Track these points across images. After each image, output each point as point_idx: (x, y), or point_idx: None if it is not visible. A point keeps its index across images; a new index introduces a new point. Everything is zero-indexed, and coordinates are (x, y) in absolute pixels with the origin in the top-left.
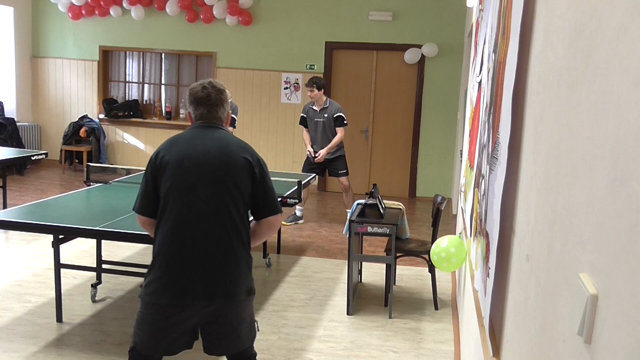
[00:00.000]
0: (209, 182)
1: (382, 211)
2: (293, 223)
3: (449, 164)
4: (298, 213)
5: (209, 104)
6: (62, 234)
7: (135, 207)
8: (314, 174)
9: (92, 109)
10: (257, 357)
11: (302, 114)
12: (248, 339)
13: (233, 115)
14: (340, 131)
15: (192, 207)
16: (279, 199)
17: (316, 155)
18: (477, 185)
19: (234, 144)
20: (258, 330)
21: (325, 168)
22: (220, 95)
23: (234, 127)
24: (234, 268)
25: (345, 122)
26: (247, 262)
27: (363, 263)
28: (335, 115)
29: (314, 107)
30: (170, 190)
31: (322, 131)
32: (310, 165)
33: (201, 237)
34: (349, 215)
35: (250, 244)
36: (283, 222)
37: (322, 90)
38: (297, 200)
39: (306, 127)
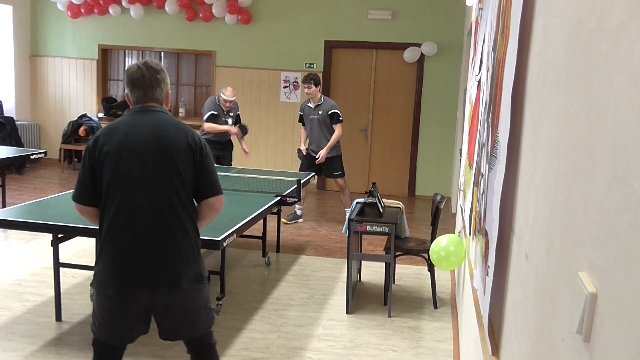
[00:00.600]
0: (149, 173)
1: (381, 210)
2: (293, 222)
3: (448, 162)
4: (298, 212)
5: (144, 86)
6: (61, 233)
7: (74, 195)
8: (313, 173)
9: (91, 107)
10: (216, 346)
11: (300, 112)
12: (203, 325)
13: (239, 113)
14: (337, 128)
15: (132, 199)
16: (279, 198)
17: (315, 156)
18: (476, 184)
19: (172, 126)
20: (217, 314)
21: (321, 169)
22: (156, 75)
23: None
24: (176, 257)
25: (340, 118)
26: (192, 250)
27: (362, 262)
28: (330, 112)
29: (310, 105)
30: (111, 183)
31: (318, 128)
32: (307, 165)
33: (142, 228)
34: (347, 214)
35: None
36: (283, 220)
37: (319, 87)
38: (296, 199)
39: (303, 124)
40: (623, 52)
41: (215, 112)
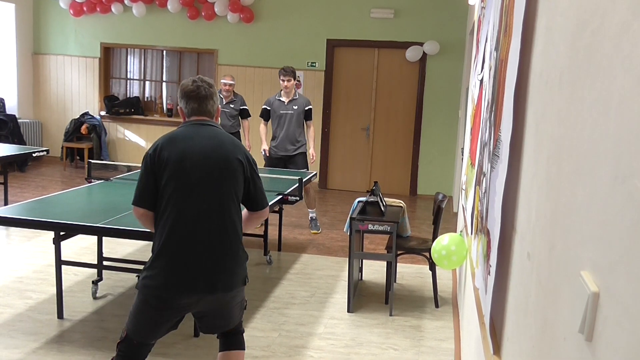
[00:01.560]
0: (208, 182)
1: (383, 209)
2: (319, 231)
3: (450, 161)
4: (314, 216)
5: (199, 98)
6: (63, 231)
7: (135, 199)
8: (314, 172)
9: (93, 105)
10: (244, 333)
11: (264, 106)
12: (238, 317)
13: (247, 107)
14: (311, 125)
15: (192, 206)
16: (280, 196)
17: (281, 156)
18: (478, 183)
19: (229, 143)
20: (245, 308)
21: (285, 165)
22: (210, 89)
23: (250, 115)
24: (232, 262)
25: (312, 116)
26: (244, 254)
27: (364, 260)
28: (306, 108)
29: (281, 99)
30: (172, 189)
31: (289, 124)
32: (270, 162)
33: (201, 234)
34: (311, 214)
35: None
36: (314, 232)
37: (295, 81)
38: (298, 198)
39: (266, 120)
40: (626, 52)
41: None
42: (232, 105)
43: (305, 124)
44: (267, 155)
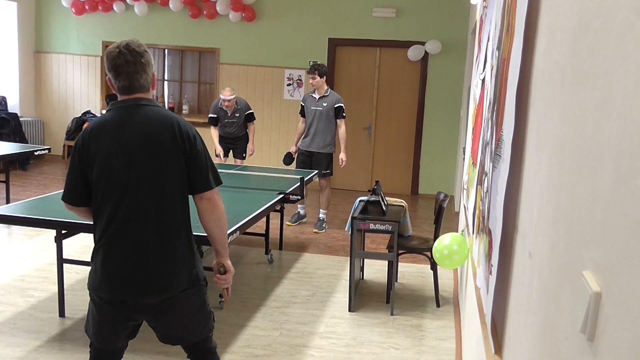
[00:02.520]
0: (140, 176)
1: (384, 208)
2: (297, 223)
3: (452, 161)
4: (301, 212)
5: (129, 73)
6: (64, 229)
7: (64, 196)
8: (315, 171)
9: (95, 104)
10: (216, 349)
11: (301, 103)
12: (200, 331)
13: (252, 111)
14: (342, 124)
15: (123, 203)
16: (282, 195)
17: (306, 152)
18: (479, 182)
19: (160, 122)
20: (214, 322)
21: (312, 164)
22: (140, 59)
23: (253, 121)
24: (169, 261)
25: (344, 114)
26: (186, 252)
27: (365, 260)
28: (336, 106)
29: (313, 95)
30: (101, 187)
31: (319, 121)
32: (298, 159)
33: (134, 233)
34: (321, 215)
35: (210, 238)
36: (287, 223)
37: (324, 78)
38: (299, 197)
39: (303, 116)
40: (629, 51)
41: (215, 115)
42: (237, 115)
43: (337, 123)
44: (293, 157)
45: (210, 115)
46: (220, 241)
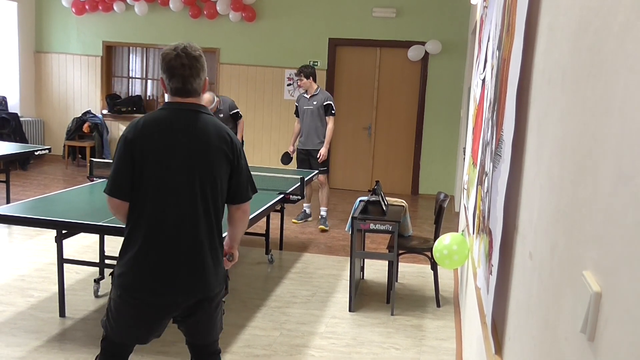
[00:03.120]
0: (192, 180)
1: (384, 208)
2: (303, 221)
3: (452, 161)
4: (307, 210)
5: (184, 76)
6: (65, 229)
7: (109, 189)
8: (316, 171)
9: (95, 104)
10: (220, 354)
11: (295, 103)
12: (216, 332)
13: (237, 110)
14: (330, 121)
15: (173, 204)
16: (282, 195)
17: (303, 150)
18: (480, 182)
19: (213, 131)
20: (224, 312)
21: (310, 162)
22: (196, 64)
23: (240, 118)
24: (211, 262)
25: (333, 111)
26: (220, 256)
27: (365, 260)
28: (325, 103)
29: (305, 95)
30: (149, 184)
31: (310, 119)
32: (299, 162)
33: (180, 234)
34: (322, 212)
35: (230, 235)
36: (293, 220)
37: (311, 79)
38: (299, 197)
39: (298, 116)
40: (629, 51)
41: None
42: (220, 115)
43: (326, 120)
44: (291, 157)
45: None
46: (238, 239)
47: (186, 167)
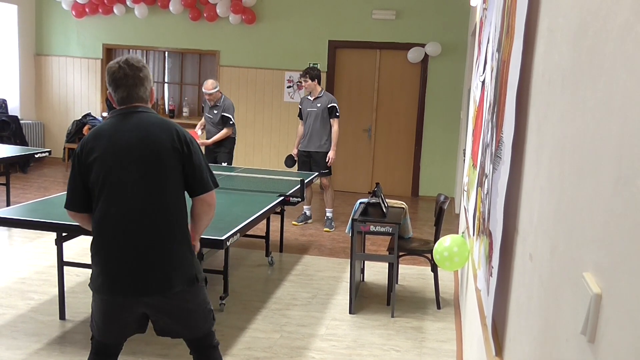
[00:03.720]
0: (137, 176)
1: (384, 210)
2: (303, 223)
3: (452, 163)
4: (307, 213)
5: (127, 85)
6: (65, 232)
7: (66, 203)
8: (316, 173)
9: (95, 107)
10: (218, 347)
11: (299, 106)
12: (201, 327)
13: (228, 115)
14: (335, 123)
15: (121, 204)
16: (282, 197)
17: (304, 153)
18: (480, 184)
19: (157, 126)
20: (214, 319)
21: (310, 165)
22: (138, 74)
23: (232, 125)
24: (167, 261)
25: (337, 113)
26: (184, 252)
27: (365, 262)
28: (329, 106)
29: (309, 97)
30: (100, 189)
31: (314, 122)
32: (300, 164)
33: (131, 233)
34: (328, 214)
35: (192, 228)
36: (293, 223)
37: (316, 81)
38: (300, 199)
39: (301, 119)
40: (629, 53)
41: (203, 105)
42: (215, 111)
43: (330, 122)
44: (294, 160)
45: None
46: (201, 232)
47: (128, 163)
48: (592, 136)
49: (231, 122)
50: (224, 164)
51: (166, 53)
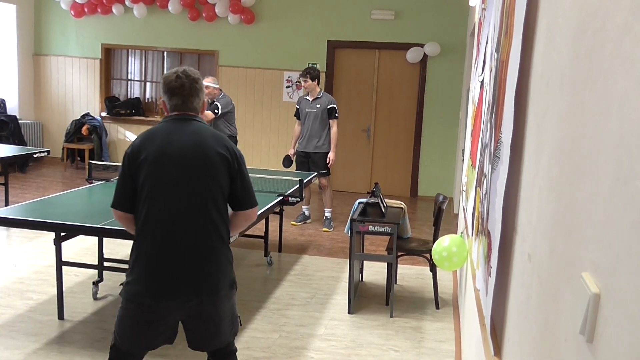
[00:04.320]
0: (188, 180)
1: (383, 210)
2: (302, 223)
3: (451, 163)
4: (306, 213)
5: (183, 95)
6: (63, 232)
7: (114, 202)
8: (315, 173)
9: (94, 106)
10: (236, 353)
11: (296, 106)
12: (230, 334)
13: (217, 103)
14: (334, 124)
15: (171, 206)
16: (281, 197)
17: (302, 153)
18: (479, 184)
19: (211, 137)
20: (240, 324)
21: (309, 165)
22: (194, 85)
23: (215, 113)
24: (214, 264)
25: (337, 114)
26: (227, 257)
27: (364, 262)
28: (329, 107)
29: (307, 97)
30: (149, 189)
31: (313, 123)
32: (298, 164)
33: (181, 235)
34: (326, 214)
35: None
36: (292, 222)
37: (316, 81)
38: (298, 199)
39: (298, 119)
40: (627, 53)
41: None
42: (216, 112)
43: (329, 123)
44: (291, 160)
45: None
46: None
47: (181, 165)
48: (591, 136)
49: (216, 111)
50: None
51: (165, 53)
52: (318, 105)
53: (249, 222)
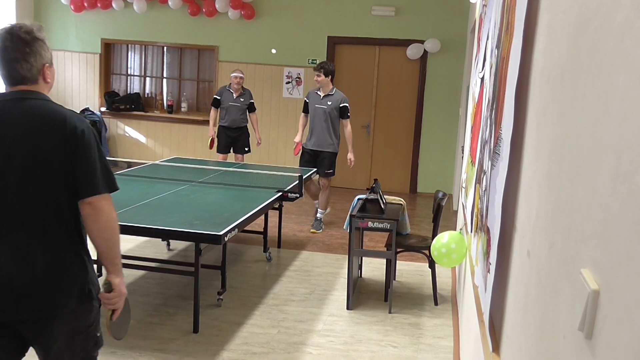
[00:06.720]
0: (21, 180)
1: (382, 206)
2: (321, 230)
3: (450, 159)
4: (319, 216)
5: (8, 60)
6: None
7: None
8: (314, 169)
9: (93, 101)
10: None
11: (305, 99)
12: (77, 354)
13: (253, 101)
14: (348, 124)
15: (3, 211)
16: (280, 193)
17: (310, 151)
18: (478, 181)
19: (44, 118)
20: (101, 345)
21: (316, 163)
22: (24, 48)
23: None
24: (58, 275)
25: (349, 114)
26: (77, 265)
27: (363, 258)
28: (341, 105)
29: (318, 92)
30: None
31: (322, 120)
32: (305, 161)
33: (17, 243)
34: (318, 214)
35: (87, 237)
36: (313, 231)
37: (330, 77)
38: (298, 195)
39: (306, 113)
40: (628, 50)
41: (218, 97)
42: (242, 99)
43: (342, 123)
44: (300, 149)
45: (214, 96)
46: (106, 255)
47: (8, 165)
48: (591, 133)
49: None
50: (239, 157)
51: (165, 48)
52: (329, 103)
53: (97, 214)
